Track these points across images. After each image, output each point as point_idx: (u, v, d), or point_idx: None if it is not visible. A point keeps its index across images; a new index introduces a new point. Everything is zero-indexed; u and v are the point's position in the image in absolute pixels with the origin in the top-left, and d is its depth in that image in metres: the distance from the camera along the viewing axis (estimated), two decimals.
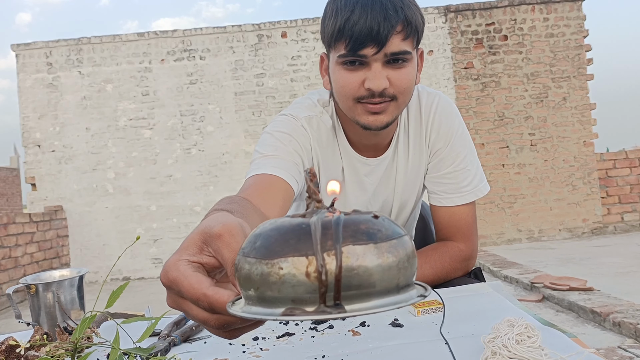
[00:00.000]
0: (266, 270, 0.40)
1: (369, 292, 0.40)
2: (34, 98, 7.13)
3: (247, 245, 0.43)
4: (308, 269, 0.39)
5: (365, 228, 0.41)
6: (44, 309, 0.99)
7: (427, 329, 0.87)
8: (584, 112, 7.27)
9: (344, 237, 0.39)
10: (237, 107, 7.17)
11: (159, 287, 4.03)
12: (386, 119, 1.05)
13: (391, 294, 0.41)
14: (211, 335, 0.89)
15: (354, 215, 0.42)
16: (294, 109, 1.19)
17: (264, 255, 0.40)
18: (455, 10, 7.27)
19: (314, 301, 0.39)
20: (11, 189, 20.01)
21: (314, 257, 0.39)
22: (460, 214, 1.19)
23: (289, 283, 0.39)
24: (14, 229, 5.91)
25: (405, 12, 0.99)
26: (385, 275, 0.40)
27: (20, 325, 1.08)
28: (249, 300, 0.42)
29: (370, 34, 0.96)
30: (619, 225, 7.30)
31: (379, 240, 0.40)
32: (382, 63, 1.00)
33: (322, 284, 0.39)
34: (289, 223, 0.41)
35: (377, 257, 0.40)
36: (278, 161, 1.06)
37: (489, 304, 0.99)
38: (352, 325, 0.92)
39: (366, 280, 0.39)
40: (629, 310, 3.08)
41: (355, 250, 0.39)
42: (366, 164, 1.20)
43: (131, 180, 7.13)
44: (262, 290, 0.41)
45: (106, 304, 0.78)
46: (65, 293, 1.00)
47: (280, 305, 0.40)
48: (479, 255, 5.87)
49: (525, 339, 0.72)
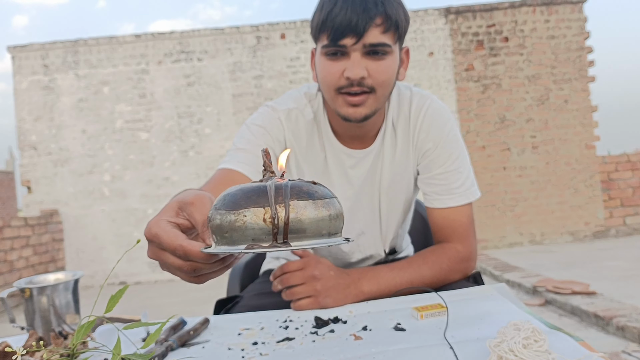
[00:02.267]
0: (233, 218, 0.53)
1: (307, 234, 0.53)
2: (30, 100, 7.09)
3: (217, 202, 0.56)
4: (265, 216, 0.52)
5: (306, 190, 0.54)
6: (38, 313, 0.98)
7: (431, 333, 0.85)
8: (586, 114, 7.23)
9: (290, 195, 0.53)
10: (234, 109, 7.13)
11: (156, 291, 3.95)
12: (365, 111, 1.10)
13: (324, 237, 0.54)
14: (209, 340, 0.91)
15: (298, 182, 0.55)
16: (278, 100, 1.25)
17: (231, 208, 0.53)
18: (455, 11, 7.24)
19: (268, 240, 0.53)
20: (7, 192, 19.99)
21: (269, 208, 0.52)
22: (454, 215, 1.20)
23: (250, 227, 0.52)
24: (9, 233, 5.86)
25: (386, 7, 1.04)
26: (320, 223, 0.54)
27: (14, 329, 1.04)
28: (219, 243, 0.55)
29: (349, 25, 1.03)
30: (621, 228, 7.25)
31: (316, 199, 0.54)
32: (362, 53, 1.06)
33: (274, 227, 0.52)
34: (250, 186, 0.55)
35: (314, 210, 0.53)
36: (246, 156, 1.15)
37: (494, 307, 0.97)
38: (354, 330, 0.90)
39: (306, 225, 0.53)
40: (633, 314, 3.06)
41: (298, 204, 0.53)
42: (351, 155, 1.23)
43: (128, 183, 7.09)
44: (230, 233, 0.53)
45: (105, 308, 0.75)
46: (60, 297, 1.00)
47: (243, 244, 0.53)
48: (481, 259, 5.82)
49: (532, 343, 0.70)
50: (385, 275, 1.13)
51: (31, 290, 0.98)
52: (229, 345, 0.87)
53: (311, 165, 1.24)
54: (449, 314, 0.91)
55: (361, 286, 1.10)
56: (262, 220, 0.52)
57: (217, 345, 0.89)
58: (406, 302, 1.04)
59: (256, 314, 1.05)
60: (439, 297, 0.98)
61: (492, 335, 0.76)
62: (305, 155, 1.24)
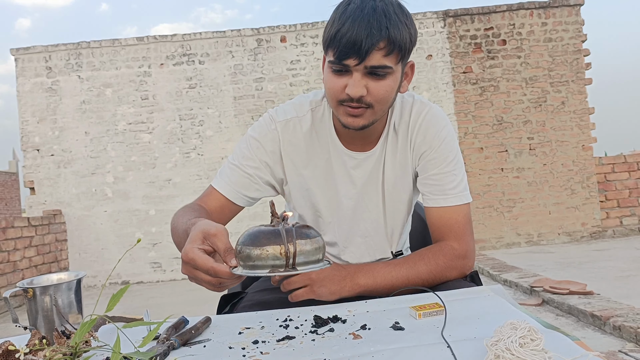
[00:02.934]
0: (259, 252, 0.78)
1: (307, 261, 0.80)
2: (33, 102, 7.12)
3: (245, 240, 0.81)
4: (280, 251, 0.78)
5: (304, 232, 0.81)
6: (41, 313, 0.98)
7: (429, 332, 0.86)
8: (583, 116, 7.28)
9: (295, 236, 0.79)
10: (236, 111, 7.17)
11: (158, 291, 4.02)
12: (362, 122, 1.17)
13: (316, 263, 0.82)
14: (210, 339, 0.92)
15: (298, 227, 0.81)
16: (282, 108, 1.33)
17: (257, 245, 0.79)
18: (453, 15, 7.29)
19: (282, 266, 0.78)
20: (10, 193, 19.98)
21: (283, 245, 0.78)
22: (450, 214, 1.25)
23: (271, 258, 0.78)
24: (13, 233, 5.90)
25: (390, 31, 1.08)
26: (313, 253, 0.80)
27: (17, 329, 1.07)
28: (246, 267, 0.80)
29: (353, 47, 1.07)
30: (617, 229, 7.30)
31: (310, 238, 0.81)
32: (363, 73, 1.11)
33: (287, 258, 0.78)
34: (267, 229, 0.80)
35: (309, 246, 0.80)
36: (236, 175, 1.29)
37: (491, 307, 0.98)
38: (353, 329, 0.92)
39: (306, 256, 0.79)
40: (629, 314, 3.08)
41: (301, 242, 0.79)
42: (353, 157, 1.29)
43: (130, 185, 7.13)
44: (256, 262, 0.79)
45: (106, 307, 0.78)
46: (63, 296, 0.99)
47: (265, 269, 0.78)
48: (478, 260, 5.86)
49: (528, 342, 0.71)
50: (381, 270, 1.17)
51: (34, 290, 0.97)
52: (230, 344, 0.88)
53: (313, 169, 1.30)
54: (446, 313, 0.92)
55: (357, 279, 1.15)
56: (279, 254, 0.78)
57: (218, 344, 0.89)
58: (404, 301, 1.05)
59: (256, 313, 1.07)
60: (437, 297, 1.00)
61: (489, 334, 0.76)
62: (306, 162, 1.30)
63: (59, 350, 0.75)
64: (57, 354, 0.74)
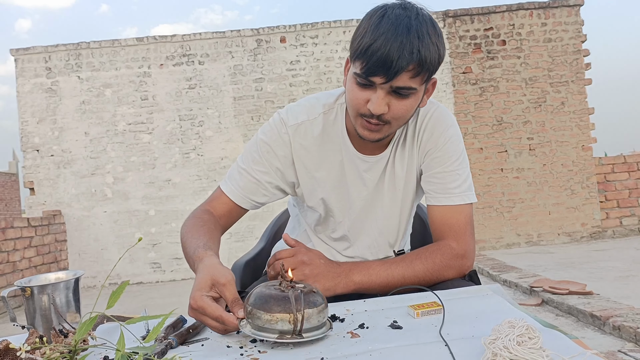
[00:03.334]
0: (269, 317, 0.84)
1: (313, 328, 0.85)
2: (32, 103, 7.13)
3: (255, 302, 0.86)
4: (289, 318, 0.83)
5: (312, 299, 0.86)
6: (39, 312, 0.98)
7: (427, 331, 0.86)
8: (582, 116, 7.29)
9: (304, 304, 0.85)
10: (235, 111, 7.18)
11: (157, 291, 4.01)
12: (379, 136, 1.18)
13: (321, 329, 0.87)
14: (208, 337, 0.93)
15: (305, 293, 0.87)
16: (292, 110, 1.32)
17: (267, 310, 0.85)
18: (453, 15, 7.29)
19: (290, 333, 0.84)
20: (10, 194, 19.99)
21: (292, 314, 0.84)
22: (451, 213, 1.24)
23: (280, 324, 0.84)
24: (12, 234, 5.90)
25: (422, 53, 1.06)
26: (319, 321, 0.86)
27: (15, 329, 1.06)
28: (254, 327, 0.86)
29: (383, 66, 1.06)
30: (617, 229, 7.30)
31: (317, 305, 0.86)
32: (387, 91, 1.10)
33: (295, 325, 0.83)
34: (277, 294, 0.86)
35: (315, 313, 0.86)
36: (244, 180, 1.29)
37: (489, 306, 0.99)
38: (351, 327, 0.92)
39: (312, 323, 0.85)
40: (629, 314, 3.08)
41: (308, 310, 0.85)
42: (364, 160, 1.29)
43: (130, 185, 7.13)
44: (266, 326, 0.84)
45: (107, 304, 0.78)
46: (61, 295, 0.99)
47: (274, 333, 0.84)
48: (478, 260, 5.87)
49: (526, 340, 0.72)
50: (376, 268, 1.17)
51: (32, 289, 0.97)
52: (227, 343, 0.89)
53: (326, 171, 1.30)
54: (444, 312, 0.93)
55: (352, 276, 1.15)
56: (287, 322, 0.83)
57: (216, 343, 0.90)
58: (403, 300, 1.06)
59: None
60: (435, 296, 1.00)
61: (487, 333, 0.77)
62: (318, 165, 1.30)
63: (57, 349, 0.75)
64: (56, 353, 0.74)
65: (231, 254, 6.86)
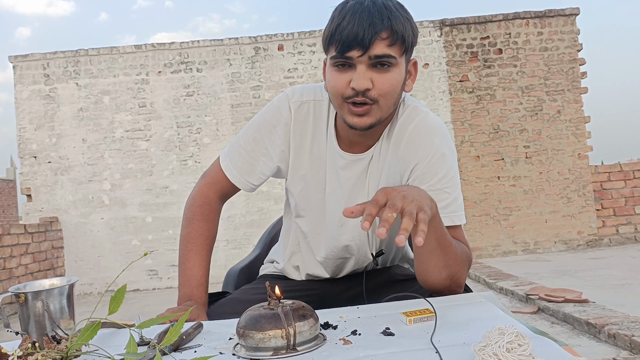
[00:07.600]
0: (262, 336, 0.84)
1: (306, 342, 0.85)
2: (30, 109, 7.13)
3: (247, 324, 0.85)
4: (282, 334, 0.83)
5: (302, 313, 0.86)
6: (33, 318, 0.97)
7: (418, 338, 0.87)
8: (579, 125, 7.32)
9: (293, 318, 0.85)
10: (233, 119, 7.19)
11: (154, 298, 3.99)
12: (370, 120, 1.13)
13: (314, 342, 0.87)
14: (201, 344, 0.92)
15: (294, 308, 0.86)
16: (299, 88, 1.32)
17: (258, 329, 0.84)
18: (450, 24, 7.34)
19: (284, 349, 0.84)
20: (7, 201, 19.95)
21: (284, 329, 0.83)
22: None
23: (273, 341, 0.83)
24: (9, 240, 5.88)
25: (392, 21, 1.08)
26: (311, 334, 0.86)
27: (9, 334, 1.06)
28: (248, 350, 0.85)
29: (355, 38, 1.06)
30: (614, 237, 7.32)
31: (307, 319, 0.86)
32: (367, 65, 1.09)
33: (288, 341, 0.83)
34: (267, 313, 0.86)
35: (307, 326, 0.85)
36: (244, 160, 1.31)
37: (481, 313, 0.99)
38: (344, 334, 0.92)
39: (304, 337, 0.85)
40: (624, 322, 3.08)
41: (299, 324, 0.84)
42: (343, 157, 1.26)
43: (127, 192, 7.12)
44: (259, 345, 0.84)
45: (109, 309, 0.78)
46: (55, 302, 0.98)
47: (268, 352, 0.84)
48: (475, 267, 5.87)
49: (515, 347, 0.72)
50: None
51: (26, 295, 0.96)
52: (221, 349, 0.88)
53: (311, 156, 1.29)
54: (436, 319, 0.92)
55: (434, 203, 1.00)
56: (280, 337, 0.83)
57: (209, 349, 0.90)
58: (395, 307, 1.05)
59: None
60: (428, 303, 1.00)
61: (478, 340, 0.77)
62: (310, 149, 1.29)
63: (49, 355, 0.75)
64: (48, 359, 0.74)
65: (228, 261, 6.85)
